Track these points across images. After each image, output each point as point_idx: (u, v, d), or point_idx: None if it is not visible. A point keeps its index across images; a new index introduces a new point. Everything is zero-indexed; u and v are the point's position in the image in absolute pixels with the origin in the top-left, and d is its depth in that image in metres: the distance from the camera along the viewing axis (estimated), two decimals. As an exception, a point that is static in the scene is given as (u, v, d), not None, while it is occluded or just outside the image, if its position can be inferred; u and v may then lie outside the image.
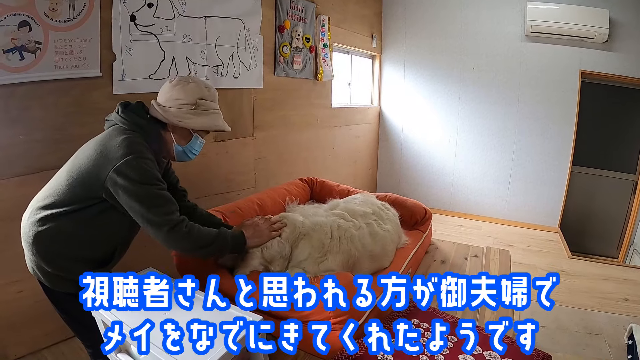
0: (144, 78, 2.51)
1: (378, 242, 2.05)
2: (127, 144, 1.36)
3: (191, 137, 1.52)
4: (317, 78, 4.19)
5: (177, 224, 1.43)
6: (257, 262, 1.74)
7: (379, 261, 2.05)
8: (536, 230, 5.07)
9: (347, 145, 5.16)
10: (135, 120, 1.46)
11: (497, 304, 1.50)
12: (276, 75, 3.64)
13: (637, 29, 4.43)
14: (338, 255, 1.81)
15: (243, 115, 3.35)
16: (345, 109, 5.01)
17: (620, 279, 3.55)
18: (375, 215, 2.22)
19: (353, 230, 1.95)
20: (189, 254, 1.58)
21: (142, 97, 2.49)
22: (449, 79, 5.35)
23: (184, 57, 2.75)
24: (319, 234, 1.83)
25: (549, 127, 4.94)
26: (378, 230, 2.09)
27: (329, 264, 1.77)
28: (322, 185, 3.14)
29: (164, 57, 2.61)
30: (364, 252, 1.95)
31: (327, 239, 1.82)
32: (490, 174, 5.36)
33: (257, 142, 3.54)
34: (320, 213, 2.08)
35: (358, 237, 1.95)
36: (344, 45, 4.80)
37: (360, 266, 1.93)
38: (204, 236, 1.52)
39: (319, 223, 1.88)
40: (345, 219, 2.03)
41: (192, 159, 1.60)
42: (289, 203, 2.87)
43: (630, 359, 2.38)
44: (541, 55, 4.83)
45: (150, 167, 1.38)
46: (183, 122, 1.46)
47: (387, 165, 6.04)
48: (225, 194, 3.24)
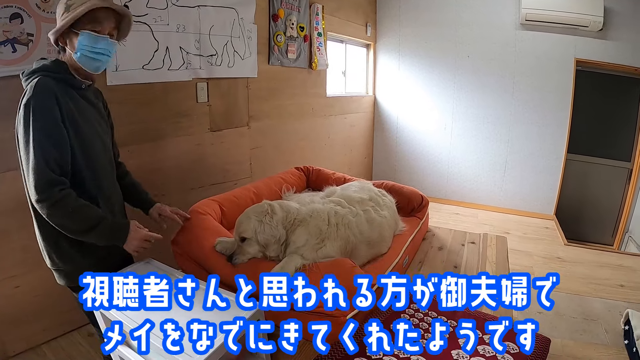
0: (137, 68, 2.49)
1: (375, 228, 2.06)
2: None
3: (78, 37, 1.39)
4: (312, 67, 4.17)
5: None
6: (255, 249, 1.75)
7: (377, 247, 2.06)
8: (532, 217, 5.08)
9: (343, 134, 5.15)
10: (33, 70, 1.41)
11: (497, 304, 1.49)
12: (270, 64, 3.62)
13: (631, 17, 4.43)
14: (336, 242, 1.82)
15: (238, 105, 3.33)
16: (340, 98, 5.00)
17: (615, 265, 3.58)
18: (372, 201, 2.23)
19: (350, 217, 1.95)
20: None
21: (137, 88, 2.53)
22: (443, 67, 5.33)
23: (178, 47, 2.74)
24: (316, 220, 1.83)
25: (544, 115, 4.94)
26: (375, 217, 2.10)
27: (327, 250, 1.78)
28: (319, 173, 3.14)
29: (157, 47, 2.59)
30: (361, 238, 1.96)
31: (324, 225, 1.83)
32: (485, 162, 5.36)
33: (252, 131, 3.53)
34: (317, 200, 2.09)
35: (355, 223, 1.95)
36: (338, 34, 4.77)
37: (358, 252, 1.94)
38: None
39: (315, 210, 1.88)
40: (342, 205, 2.03)
41: (102, 61, 1.44)
42: (285, 192, 2.87)
43: (627, 343, 2.42)
44: (536, 44, 4.81)
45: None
46: (60, 27, 1.37)
47: (382, 153, 6.04)
48: (221, 184, 3.24)
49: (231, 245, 1.81)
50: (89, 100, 1.54)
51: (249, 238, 1.74)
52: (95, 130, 1.53)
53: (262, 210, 1.79)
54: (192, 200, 2.58)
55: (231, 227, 2.04)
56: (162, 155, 2.77)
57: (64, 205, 1.34)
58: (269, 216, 1.76)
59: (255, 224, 1.74)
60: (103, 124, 1.61)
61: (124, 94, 2.40)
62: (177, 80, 2.78)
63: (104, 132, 1.61)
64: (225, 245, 1.83)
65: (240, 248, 1.76)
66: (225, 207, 2.30)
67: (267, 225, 1.72)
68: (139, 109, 2.57)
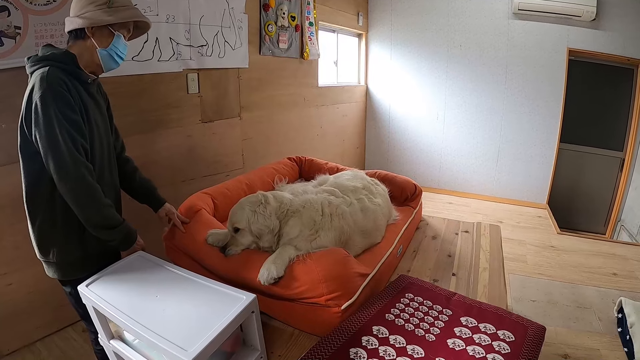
0: (127, 60, 2.41)
1: (369, 217, 2.04)
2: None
3: (113, 37, 1.46)
4: (304, 57, 4.14)
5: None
6: (248, 239, 1.73)
7: (371, 237, 2.04)
8: (524, 207, 5.13)
9: (335, 124, 5.14)
10: (41, 58, 1.39)
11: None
12: (262, 54, 3.59)
13: (624, 7, 4.46)
14: (330, 232, 1.79)
15: (229, 95, 3.30)
16: (332, 88, 4.98)
17: (608, 254, 3.63)
18: (366, 189, 2.20)
19: (344, 207, 1.93)
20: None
21: (126, 80, 2.49)
22: (436, 57, 5.33)
23: (168, 38, 2.70)
24: (309, 211, 1.80)
25: (537, 104, 4.96)
26: (369, 205, 2.08)
27: (321, 240, 1.76)
28: (311, 163, 3.12)
29: (147, 37, 2.55)
30: (355, 228, 1.93)
31: (317, 216, 1.80)
32: (478, 151, 5.39)
33: (243, 122, 3.50)
34: (310, 190, 2.06)
35: (349, 213, 1.93)
36: (329, 24, 4.73)
37: (353, 242, 1.92)
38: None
39: (309, 200, 1.85)
40: (335, 195, 2.01)
41: (119, 63, 1.54)
42: (277, 182, 2.85)
43: (620, 331, 2.45)
44: (529, 33, 4.83)
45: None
46: (100, 19, 1.39)
47: (375, 143, 6.04)
48: (212, 176, 3.22)
49: (224, 237, 1.78)
50: (92, 96, 1.53)
51: (242, 229, 1.71)
52: (97, 127, 1.52)
53: (255, 201, 1.77)
54: (184, 193, 2.56)
55: (224, 220, 2.02)
56: (153, 148, 2.75)
57: (93, 192, 1.40)
58: (263, 206, 1.73)
59: (249, 214, 1.71)
60: (103, 120, 1.60)
61: (113, 86, 2.35)
62: (167, 72, 2.74)
63: (104, 129, 1.59)
64: (218, 237, 1.81)
65: (233, 239, 1.74)
66: (217, 200, 2.27)
67: (261, 216, 1.70)
68: (128, 101, 2.54)
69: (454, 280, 2.06)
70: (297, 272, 1.59)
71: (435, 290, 1.76)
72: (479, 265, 2.19)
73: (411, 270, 2.16)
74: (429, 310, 1.61)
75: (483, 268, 2.14)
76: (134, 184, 1.84)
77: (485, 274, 2.09)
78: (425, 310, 1.60)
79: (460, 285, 2.03)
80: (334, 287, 1.54)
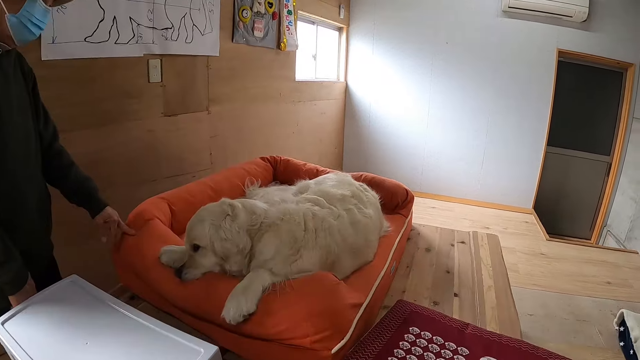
0: (79, 41, 2.08)
1: (360, 232, 1.70)
2: None
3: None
4: (280, 48, 3.81)
5: None
6: (210, 260, 1.38)
7: (362, 256, 1.70)
8: (510, 211, 5.04)
9: (312, 122, 4.84)
10: None
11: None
12: (234, 42, 3.25)
13: (615, 9, 4.45)
14: (314, 252, 1.44)
15: (196, 86, 2.95)
16: (310, 83, 4.68)
17: (599, 261, 3.58)
18: (355, 198, 1.86)
19: (331, 220, 1.58)
20: None
21: (77, 64, 2.11)
22: (421, 54, 5.15)
23: (127, 17, 2.33)
24: (289, 224, 1.45)
25: (524, 105, 4.88)
26: (360, 218, 1.74)
27: (303, 263, 1.41)
28: (287, 164, 2.80)
29: (103, 16, 2.18)
30: (344, 246, 1.59)
31: (299, 231, 1.46)
32: (463, 153, 5.25)
33: (212, 117, 3.15)
34: (289, 198, 1.71)
35: (338, 227, 1.58)
36: (309, 15, 4.43)
37: (341, 264, 1.57)
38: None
39: (288, 211, 1.50)
40: (321, 205, 1.65)
41: (35, 34, 1.19)
42: (248, 186, 2.51)
43: (622, 345, 2.36)
44: (518, 32, 4.74)
45: None
46: None
47: (353, 143, 5.79)
48: (176, 177, 2.85)
49: (180, 256, 1.44)
50: (3, 71, 1.19)
51: (203, 247, 1.38)
52: (7, 108, 1.18)
53: (219, 211, 1.42)
54: (143, 197, 2.21)
55: (183, 232, 1.67)
56: (107, 144, 2.36)
57: None
58: (229, 219, 1.39)
59: (211, 228, 1.37)
60: (19, 100, 1.25)
61: (62, 70, 2.01)
62: (125, 56, 2.37)
63: (19, 112, 1.25)
64: (173, 255, 1.46)
65: (192, 259, 1.39)
66: (176, 207, 1.90)
67: (227, 231, 1.35)
68: (80, 89, 2.16)
69: (456, 302, 1.83)
70: (273, 306, 1.25)
71: (444, 321, 1.46)
72: (482, 282, 1.98)
73: (407, 291, 1.88)
74: (440, 349, 1.31)
75: (488, 286, 1.94)
76: (67, 182, 1.48)
77: (491, 294, 1.90)
78: (436, 349, 1.30)
79: (465, 309, 1.79)
80: (321, 325, 1.21)
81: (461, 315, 1.72)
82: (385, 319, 1.44)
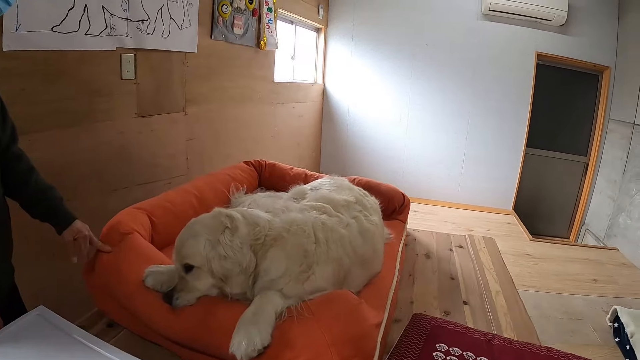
0: (45, 30, 1.86)
1: (368, 242, 1.53)
2: None
3: None
4: (260, 46, 3.62)
5: None
6: (206, 283, 1.18)
7: (371, 267, 1.53)
8: (491, 213, 5.00)
9: (290, 125, 4.67)
10: None
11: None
12: (213, 38, 3.04)
13: (592, 13, 4.53)
14: (327, 266, 1.27)
15: (172, 85, 2.73)
16: (288, 85, 4.51)
17: (583, 259, 3.61)
18: (359, 204, 1.69)
19: (341, 229, 1.40)
20: None
21: (43, 56, 1.87)
22: (400, 55, 5.05)
23: (100, 6, 2.11)
24: (297, 237, 1.27)
25: (504, 108, 4.87)
26: (368, 226, 1.57)
27: (316, 280, 1.23)
28: (273, 168, 2.64)
29: (73, 4, 1.96)
30: (355, 258, 1.42)
31: (310, 243, 1.27)
32: (443, 156, 5.20)
33: (189, 118, 2.93)
34: (292, 207, 1.52)
35: (349, 238, 1.41)
36: (288, 13, 4.27)
37: (352, 277, 1.39)
38: None
39: (295, 221, 1.32)
40: (328, 213, 1.48)
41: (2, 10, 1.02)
42: (233, 192, 2.33)
43: (618, 341, 2.35)
44: (498, 35, 4.75)
45: None
46: None
47: (331, 147, 5.63)
48: (149, 184, 2.61)
49: (169, 277, 1.23)
50: None
51: (197, 267, 1.18)
52: None
53: (216, 224, 1.22)
54: (113, 206, 2.01)
55: (166, 246, 1.45)
56: (74, 147, 2.11)
57: None
58: (229, 232, 1.19)
59: (207, 245, 1.17)
60: None
61: (24, 63, 1.78)
62: (96, 49, 2.14)
63: None
64: (160, 277, 1.25)
65: (183, 282, 1.18)
66: (156, 218, 1.68)
67: (227, 247, 1.16)
68: (44, 85, 1.92)
69: (467, 310, 1.75)
70: (290, 335, 1.06)
71: (469, 333, 1.34)
72: (489, 287, 1.91)
73: (415, 302, 1.76)
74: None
75: (495, 291, 1.89)
76: (27, 190, 1.25)
77: (500, 299, 1.86)
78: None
79: (478, 317, 1.71)
80: (347, 352, 1.04)
81: (475, 323, 1.64)
82: (407, 337, 1.30)
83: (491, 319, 1.64)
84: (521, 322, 1.63)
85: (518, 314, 1.68)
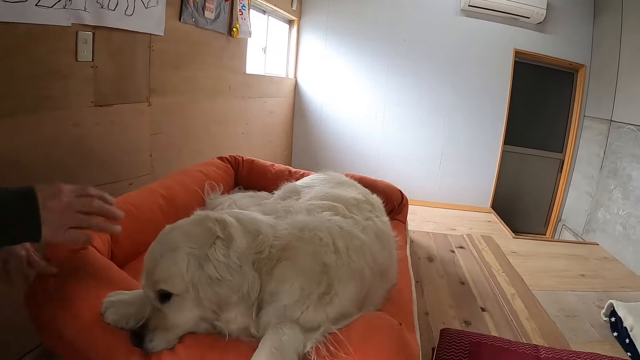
0: None
1: (386, 247, 1.27)
2: None
3: None
4: (232, 34, 3.35)
5: None
6: (190, 316, 0.86)
7: (389, 278, 1.22)
8: (469, 211, 4.96)
9: (261, 121, 4.41)
10: None
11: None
12: (182, 21, 2.75)
13: (570, 12, 4.59)
14: (350, 283, 0.97)
15: (136, 71, 2.42)
16: (259, 78, 4.25)
17: (567, 255, 3.64)
18: (367, 203, 1.43)
19: (360, 235, 1.12)
20: None
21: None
22: (376, 51, 4.91)
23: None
24: (311, 245, 0.96)
25: (482, 104, 4.84)
26: (382, 228, 1.29)
27: (340, 303, 0.92)
28: (252, 165, 2.38)
29: None
30: (376, 268, 1.13)
31: (329, 254, 0.96)
32: (420, 153, 5.10)
33: (154, 110, 2.62)
34: (296, 206, 1.20)
35: (368, 245, 1.12)
36: (262, 2, 4.00)
37: (372, 292, 1.12)
38: None
39: (306, 225, 1.00)
40: (342, 214, 1.19)
41: None
42: (209, 192, 2.05)
43: (616, 335, 2.37)
44: (476, 32, 4.71)
45: None
46: None
47: (303, 144, 5.41)
48: (110, 184, 2.28)
49: (137, 309, 0.88)
50: None
51: (177, 294, 0.84)
52: None
53: (202, 232, 0.88)
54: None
55: (130, 261, 1.14)
56: (20, 140, 1.79)
57: None
58: (222, 244, 0.86)
59: (190, 262, 0.84)
60: None
61: None
62: (48, 24, 1.82)
63: None
64: (125, 309, 0.89)
65: (158, 315, 0.85)
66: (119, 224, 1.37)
67: (221, 266, 0.83)
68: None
69: (487, 317, 1.57)
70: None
71: (513, 348, 1.16)
72: (503, 290, 1.78)
73: (430, 312, 1.56)
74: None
75: (511, 294, 1.74)
76: None
77: (518, 302, 1.76)
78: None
79: (500, 324, 1.58)
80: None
81: (499, 332, 1.47)
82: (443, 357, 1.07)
83: (515, 327, 1.50)
84: (547, 327, 1.50)
85: (539, 317, 1.56)
